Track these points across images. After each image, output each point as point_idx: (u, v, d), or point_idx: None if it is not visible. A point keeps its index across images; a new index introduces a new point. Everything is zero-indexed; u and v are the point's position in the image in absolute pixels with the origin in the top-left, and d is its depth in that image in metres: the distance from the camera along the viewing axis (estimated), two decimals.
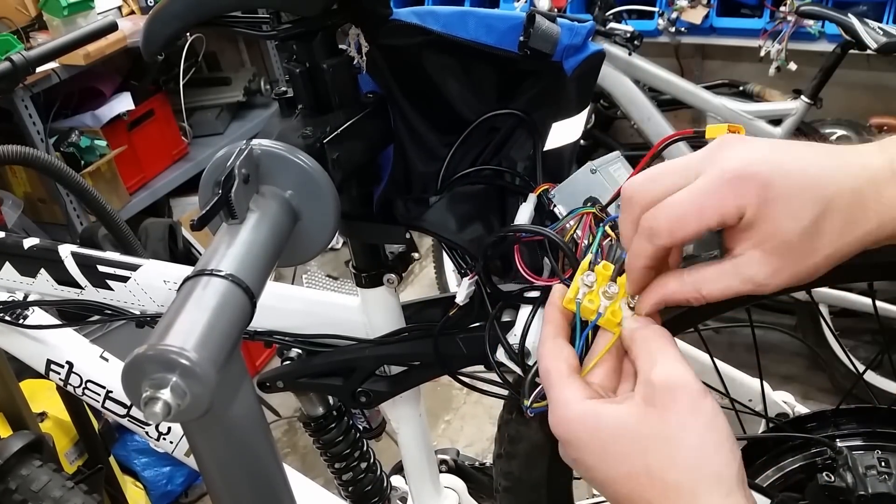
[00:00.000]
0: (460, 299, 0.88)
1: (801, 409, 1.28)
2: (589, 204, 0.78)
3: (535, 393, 0.70)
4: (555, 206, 0.82)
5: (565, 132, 0.88)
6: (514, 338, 0.89)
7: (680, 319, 0.95)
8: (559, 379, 0.61)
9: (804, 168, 0.54)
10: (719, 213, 0.54)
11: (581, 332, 0.65)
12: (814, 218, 0.53)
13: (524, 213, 0.85)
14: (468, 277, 0.87)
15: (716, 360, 1.19)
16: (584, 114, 0.89)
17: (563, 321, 0.65)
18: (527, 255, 0.82)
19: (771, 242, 0.54)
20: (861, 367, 2.13)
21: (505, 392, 0.96)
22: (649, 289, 0.61)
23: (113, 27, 1.50)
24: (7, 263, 1.10)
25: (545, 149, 0.87)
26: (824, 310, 2.29)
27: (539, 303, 0.82)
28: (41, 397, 1.75)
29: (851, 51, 2.16)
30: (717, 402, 0.57)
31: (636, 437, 0.56)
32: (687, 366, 0.57)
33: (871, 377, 2.16)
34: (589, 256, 0.67)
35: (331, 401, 1.13)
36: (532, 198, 0.85)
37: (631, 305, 0.63)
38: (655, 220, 0.56)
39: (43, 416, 1.74)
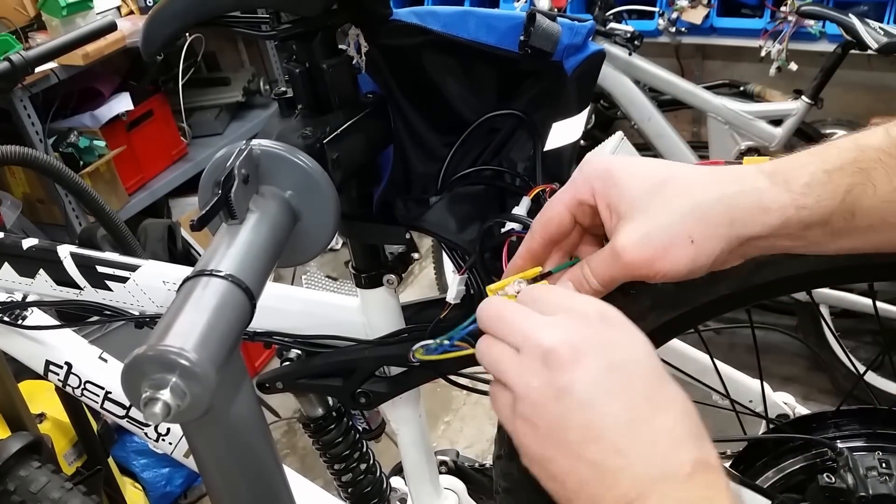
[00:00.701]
0: (451, 297, 0.88)
1: (802, 410, 1.28)
2: None
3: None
4: None
5: (565, 132, 0.87)
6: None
7: (680, 320, 0.95)
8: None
9: (639, 161, 0.64)
10: (572, 193, 0.64)
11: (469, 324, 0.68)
12: (655, 183, 0.60)
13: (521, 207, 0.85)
14: (459, 274, 0.87)
15: (716, 361, 1.18)
16: (585, 114, 0.89)
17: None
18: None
19: (623, 206, 0.60)
20: (861, 368, 2.13)
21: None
22: (559, 282, 0.65)
23: (112, 27, 1.49)
24: (6, 264, 1.10)
25: (545, 149, 0.87)
26: (825, 311, 2.28)
27: None
28: (40, 398, 1.75)
29: (852, 51, 2.16)
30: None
31: None
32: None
33: (872, 378, 2.16)
34: (538, 269, 0.69)
35: (330, 402, 1.13)
36: (526, 200, 0.85)
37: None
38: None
39: (42, 417, 1.74)
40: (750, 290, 0.90)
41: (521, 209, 0.85)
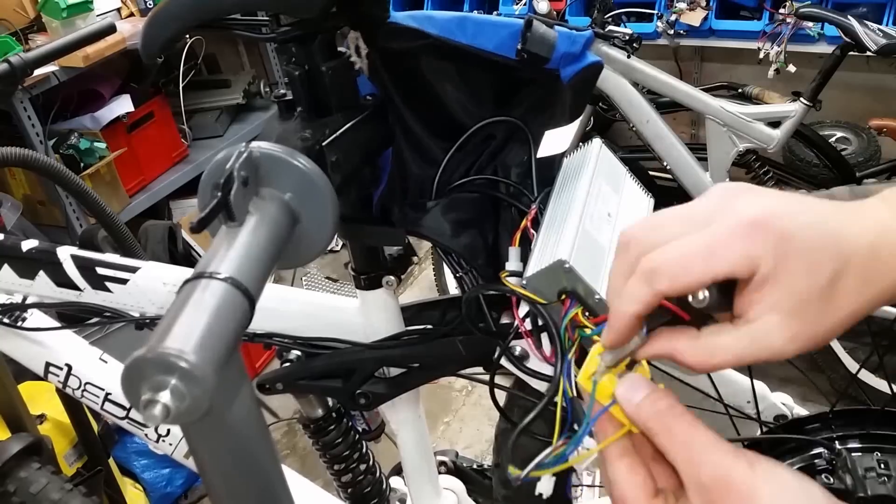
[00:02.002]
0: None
1: (800, 411, 1.28)
2: (563, 297, 0.78)
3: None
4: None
5: (554, 142, 0.88)
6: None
7: (675, 324, 0.95)
8: None
9: (823, 221, 0.49)
10: (730, 261, 0.49)
11: (590, 421, 0.58)
12: (832, 275, 0.48)
13: (513, 260, 0.86)
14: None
15: None
16: (576, 125, 0.89)
17: (625, 440, 0.56)
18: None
19: (788, 303, 0.49)
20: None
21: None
22: (655, 340, 0.54)
23: (112, 29, 1.49)
24: (6, 265, 1.10)
25: (536, 156, 0.88)
26: None
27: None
28: (40, 399, 1.75)
29: (851, 53, 2.16)
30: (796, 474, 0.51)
31: None
32: (729, 449, 0.51)
33: (871, 379, 2.15)
34: (599, 338, 0.62)
35: (330, 402, 1.13)
36: (514, 251, 0.87)
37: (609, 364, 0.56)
38: (656, 261, 0.51)
39: (42, 418, 1.74)
40: None
41: (512, 259, 0.86)
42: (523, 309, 0.84)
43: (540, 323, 0.83)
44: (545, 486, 0.80)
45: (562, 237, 0.81)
